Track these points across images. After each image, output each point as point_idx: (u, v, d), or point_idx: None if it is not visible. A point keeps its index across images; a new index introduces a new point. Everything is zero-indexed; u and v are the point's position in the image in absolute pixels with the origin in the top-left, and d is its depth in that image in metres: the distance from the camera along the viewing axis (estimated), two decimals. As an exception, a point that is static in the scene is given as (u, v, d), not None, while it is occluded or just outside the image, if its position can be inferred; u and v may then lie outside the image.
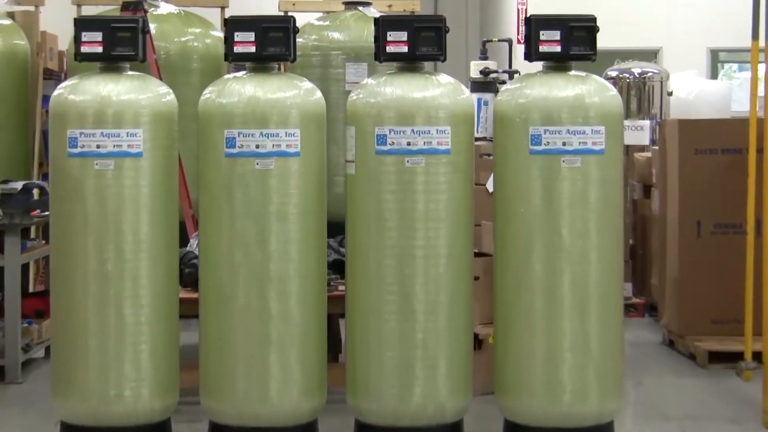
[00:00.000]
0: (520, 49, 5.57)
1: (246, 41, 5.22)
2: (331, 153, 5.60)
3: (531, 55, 5.27)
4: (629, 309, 8.57)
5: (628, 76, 10.04)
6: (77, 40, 5.27)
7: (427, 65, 5.38)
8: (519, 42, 9.11)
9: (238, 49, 5.24)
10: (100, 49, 5.23)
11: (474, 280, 5.35)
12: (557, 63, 5.28)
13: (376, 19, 5.31)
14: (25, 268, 7.42)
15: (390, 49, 5.23)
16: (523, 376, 5.19)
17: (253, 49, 5.22)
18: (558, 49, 5.22)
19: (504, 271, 5.26)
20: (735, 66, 16.20)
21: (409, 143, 5.13)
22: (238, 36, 5.23)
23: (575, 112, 5.13)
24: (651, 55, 14.72)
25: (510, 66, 8.79)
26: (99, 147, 5.13)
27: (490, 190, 5.86)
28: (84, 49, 5.25)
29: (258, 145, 5.12)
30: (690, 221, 7.60)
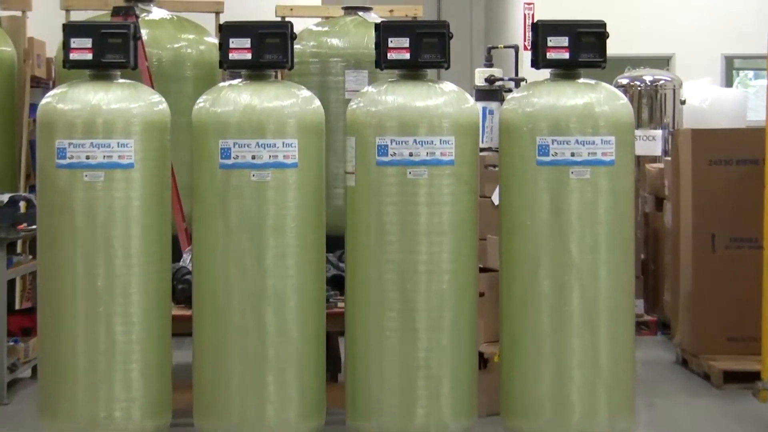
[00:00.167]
0: (526, 56, 5.62)
1: (241, 48, 5.22)
2: (330, 164, 5.66)
3: (538, 62, 5.26)
4: (641, 327, 8.55)
5: (639, 84, 10.11)
6: (66, 46, 5.26)
7: (430, 73, 5.36)
8: (526, 48, 9.14)
9: (233, 56, 5.22)
10: (89, 55, 5.21)
11: (479, 297, 5.33)
12: (565, 70, 5.26)
13: (377, 25, 5.31)
14: (11, 284, 7.40)
15: (391, 55, 5.22)
16: (530, 395, 5.17)
17: (249, 56, 5.21)
18: (566, 55, 5.21)
19: (510, 287, 5.23)
20: (751, 73, 16.18)
21: (411, 154, 5.11)
22: (234, 42, 5.22)
23: (584, 122, 5.12)
24: (663, 62, 14.76)
25: (516, 73, 8.79)
26: (89, 158, 5.12)
27: (496, 203, 5.88)
28: (73, 55, 5.22)
29: (254, 156, 5.10)
30: (704, 235, 7.56)
